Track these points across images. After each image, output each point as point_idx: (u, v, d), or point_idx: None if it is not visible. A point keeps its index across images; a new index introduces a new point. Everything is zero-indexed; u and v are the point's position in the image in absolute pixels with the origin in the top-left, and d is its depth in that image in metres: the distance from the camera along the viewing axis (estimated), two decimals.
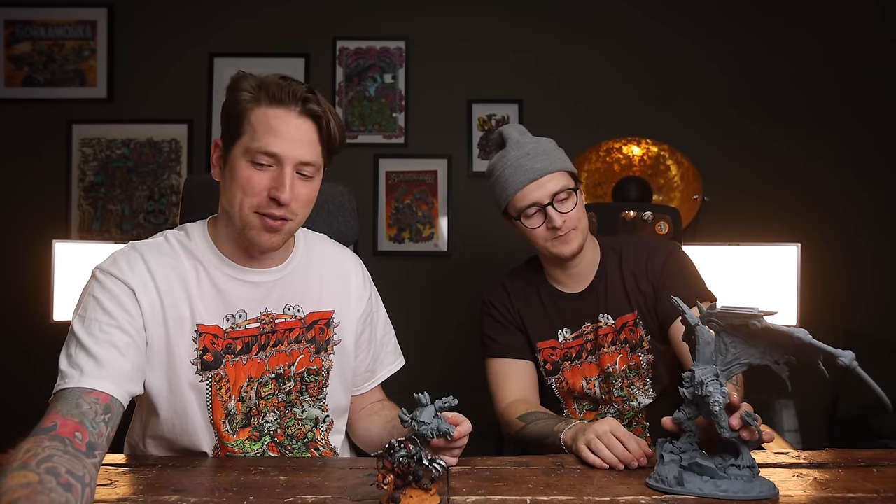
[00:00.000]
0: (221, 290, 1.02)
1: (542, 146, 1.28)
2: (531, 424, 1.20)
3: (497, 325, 1.37)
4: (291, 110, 0.96)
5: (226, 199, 1.00)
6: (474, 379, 1.48)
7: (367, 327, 1.18)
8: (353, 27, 2.63)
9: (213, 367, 1.01)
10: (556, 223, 1.23)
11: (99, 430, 0.83)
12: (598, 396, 1.33)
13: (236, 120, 0.97)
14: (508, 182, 1.26)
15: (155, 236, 1.05)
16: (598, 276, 1.33)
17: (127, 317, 0.94)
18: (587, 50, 2.61)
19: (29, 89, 2.63)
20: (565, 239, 1.25)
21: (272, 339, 1.06)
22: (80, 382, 0.86)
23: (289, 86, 0.96)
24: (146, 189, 2.64)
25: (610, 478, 0.93)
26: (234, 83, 0.98)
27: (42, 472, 0.69)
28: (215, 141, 1.02)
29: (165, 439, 1.04)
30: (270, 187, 0.96)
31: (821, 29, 2.58)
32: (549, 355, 1.34)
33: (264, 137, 0.95)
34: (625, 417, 1.31)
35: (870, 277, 2.55)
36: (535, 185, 1.24)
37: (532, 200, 1.24)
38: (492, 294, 1.40)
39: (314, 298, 1.10)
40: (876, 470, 0.95)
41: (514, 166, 1.26)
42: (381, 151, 2.64)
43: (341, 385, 1.13)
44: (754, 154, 2.58)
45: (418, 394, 0.86)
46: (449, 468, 0.95)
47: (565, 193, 1.24)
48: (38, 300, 2.27)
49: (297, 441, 1.10)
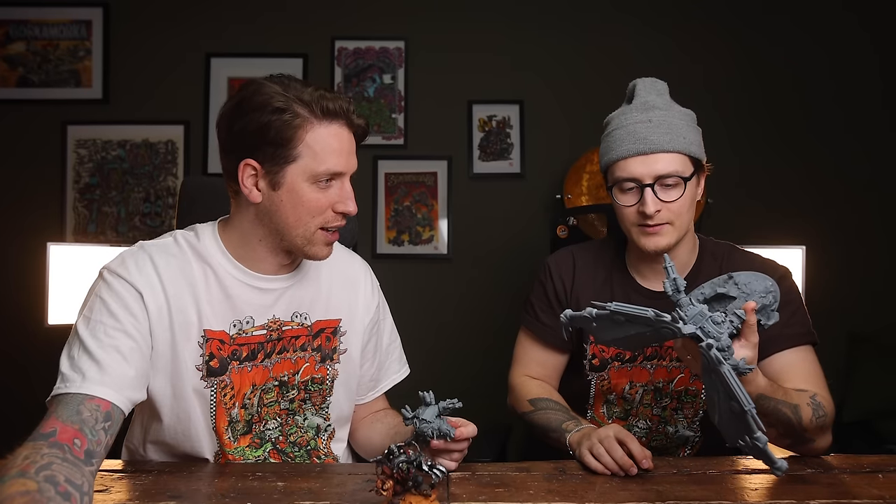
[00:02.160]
0: (230, 294, 1.00)
1: (672, 118, 1.10)
2: (540, 412, 1.15)
3: (545, 298, 1.23)
4: (342, 124, 0.97)
5: (280, 220, 0.97)
6: (475, 384, 1.47)
7: (374, 336, 1.17)
8: (352, 27, 2.62)
9: (218, 373, 1.00)
10: (648, 209, 1.06)
11: (98, 438, 0.82)
12: (634, 404, 1.20)
13: (286, 143, 0.93)
14: (615, 145, 1.10)
15: (164, 236, 1.03)
16: (687, 279, 1.14)
17: (133, 321, 0.93)
18: (589, 50, 2.60)
19: (23, 90, 2.61)
20: (655, 231, 1.08)
21: (278, 346, 1.05)
22: (81, 388, 0.85)
23: (335, 99, 0.95)
24: (142, 191, 2.62)
25: (612, 484, 0.92)
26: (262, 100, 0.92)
27: (41, 481, 0.69)
28: (247, 163, 0.95)
29: (167, 445, 1.03)
30: (335, 202, 0.97)
31: (825, 32, 2.58)
32: (600, 350, 1.20)
33: (329, 159, 0.95)
34: (653, 437, 1.21)
35: (874, 280, 2.55)
36: (643, 159, 1.07)
37: (632, 174, 1.08)
38: (556, 260, 1.24)
39: (322, 306, 1.09)
40: (882, 475, 0.95)
41: (627, 129, 1.09)
42: (380, 153, 2.63)
43: (345, 394, 1.12)
44: (758, 156, 2.58)
45: (423, 392, 0.87)
46: (449, 474, 0.94)
47: (674, 180, 1.07)
48: (33, 304, 2.24)
49: (299, 448, 1.08)
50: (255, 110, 0.93)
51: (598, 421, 1.24)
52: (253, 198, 0.96)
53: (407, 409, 0.86)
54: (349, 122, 0.97)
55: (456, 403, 0.86)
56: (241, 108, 0.94)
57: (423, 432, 0.84)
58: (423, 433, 0.84)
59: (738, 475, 0.96)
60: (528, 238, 2.57)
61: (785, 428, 1.00)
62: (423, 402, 0.86)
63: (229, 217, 1.04)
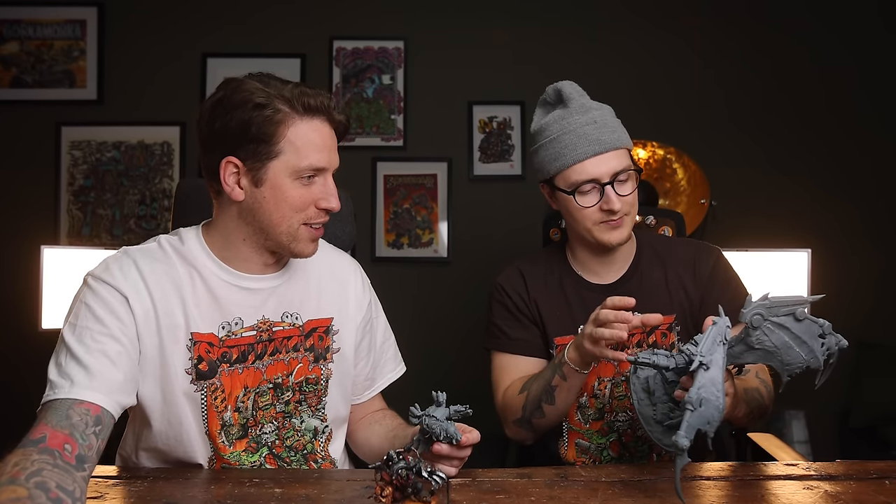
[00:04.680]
0: (217, 296, 1.00)
1: (608, 116, 1.17)
2: (532, 385, 1.14)
3: (509, 315, 1.25)
4: (324, 120, 0.97)
5: (264, 218, 0.97)
6: (475, 389, 1.45)
7: (367, 334, 1.16)
8: (351, 26, 2.61)
9: (207, 376, 0.99)
10: (615, 206, 1.12)
11: (89, 443, 0.81)
12: (606, 400, 1.22)
13: (267, 139, 0.93)
14: (567, 150, 1.14)
15: (147, 241, 1.03)
16: (631, 269, 1.23)
17: (119, 325, 0.92)
18: (591, 51, 2.59)
19: (16, 90, 2.59)
20: (618, 224, 1.14)
21: (269, 347, 1.04)
22: (69, 393, 0.84)
23: (316, 95, 0.95)
24: (137, 193, 2.60)
25: (614, 490, 0.91)
26: (243, 97, 0.92)
27: (31, 487, 0.68)
28: (229, 160, 0.94)
29: (159, 451, 1.02)
30: (318, 199, 0.97)
31: (830, 35, 2.57)
32: None
33: (311, 154, 0.95)
34: (637, 427, 1.23)
35: (881, 284, 2.53)
36: (598, 159, 1.12)
37: (592, 176, 1.12)
38: (506, 279, 1.28)
39: (312, 305, 1.08)
40: (888, 482, 0.94)
41: (577, 133, 1.13)
42: (379, 154, 2.62)
43: (341, 394, 1.11)
44: (763, 158, 2.56)
45: (436, 392, 0.87)
46: (449, 480, 0.93)
47: (626, 174, 1.14)
48: (26, 308, 2.22)
49: (295, 453, 1.07)
50: (236, 107, 0.92)
51: (574, 429, 1.24)
52: (235, 196, 0.96)
53: (416, 407, 0.87)
54: (330, 117, 0.98)
55: (467, 410, 0.87)
56: (221, 105, 0.94)
57: (432, 429, 0.85)
58: (431, 429, 0.85)
59: (742, 481, 0.96)
60: (529, 241, 2.55)
61: (759, 409, 1.09)
62: (434, 402, 0.87)
63: (212, 219, 1.03)
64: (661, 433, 0.96)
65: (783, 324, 0.88)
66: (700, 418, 0.82)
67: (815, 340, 0.89)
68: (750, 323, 0.87)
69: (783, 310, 0.87)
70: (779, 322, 0.88)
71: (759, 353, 0.90)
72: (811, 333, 0.89)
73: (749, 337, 0.89)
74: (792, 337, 0.89)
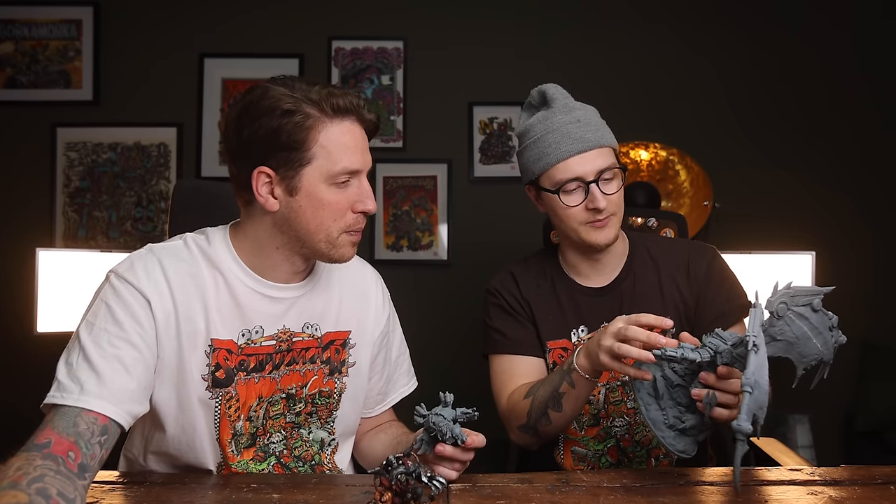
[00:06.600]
0: (240, 303, 0.97)
1: (592, 115, 1.17)
2: (538, 391, 1.11)
3: (506, 316, 1.24)
4: (354, 121, 0.94)
5: (301, 227, 0.94)
6: (475, 392, 1.44)
7: (383, 349, 1.14)
8: (349, 26, 2.60)
9: (224, 384, 0.97)
10: (600, 204, 1.11)
11: (93, 452, 0.80)
12: (600, 406, 1.21)
13: (298, 145, 0.90)
14: (551, 148, 1.13)
15: (173, 239, 1.00)
16: (624, 271, 1.22)
17: (139, 329, 0.90)
18: (592, 51, 2.58)
19: (11, 91, 2.57)
20: (604, 224, 1.13)
21: (287, 357, 1.02)
22: (78, 400, 0.82)
23: (344, 95, 0.93)
24: (134, 195, 2.58)
25: (616, 496, 0.90)
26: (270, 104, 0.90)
27: (32, 493, 0.68)
28: (261, 170, 0.92)
29: (169, 455, 1.00)
30: (355, 202, 0.95)
31: (837, 37, 2.57)
32: (559, 356, 1.22)
33: (344, 157, 0.93)
34: (635, 431, 1.22)
35: (886, 286, 2.53)
36: (582, 157, 1.12)
37: (576, 174, 1.12)
38: (499, 282, 1.27)
39: (333, 318, 1.06)
40: (894, 487, 0.93)
41: (560, 132, 1.13)
42: (378, 156, 2.55)
43: (352, 408, 1.09)
44: (766, 159, 2.56)
45: (443, 392, 0.86)
46: (449, 485, 0.92)
47: (611, 173, 1.13)
48: (21, 311, 2.21)
49: (304, 463, 1.06)
50: (263, 115, 0.90)
51: (570, 437, 1.22)
52: (270, 206, 0.93)
53: (422, 406, 0.86)
54: (360, 117, 0.95)
55: (474, 413, 0.87)
56: (248, 113, 0.91)
57: (438, 427, 0.84)
58: (437, 427, 0.84)
59: (746, 486, 0.94)
60: (530, 244, 2.52)
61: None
62: (441, 402, 0.87)
63: (240, 223, 1.00)
64: (673, 438, 0.94)
65: (803, 314, 0.87)
66: (755, 402, 0.81)
67: (828, 332, 0.88)
68: (776, 312, 0.86)
69: (802, 299, 0.86)
70: (799, 312, 0.87)
71: (781, 344, 0.88)
72: (825, 325, 0.88)
73: (772, 327, 0.87)
74: (810, 327, 0.87)
